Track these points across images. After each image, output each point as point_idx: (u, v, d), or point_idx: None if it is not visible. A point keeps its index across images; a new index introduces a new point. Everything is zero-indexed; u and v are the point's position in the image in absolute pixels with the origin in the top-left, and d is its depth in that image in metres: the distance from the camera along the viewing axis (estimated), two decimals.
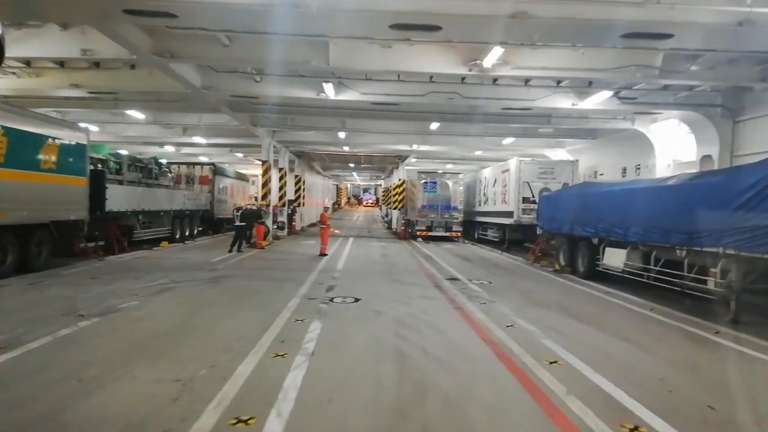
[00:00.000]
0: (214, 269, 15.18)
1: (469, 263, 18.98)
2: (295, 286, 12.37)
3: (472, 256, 21.71)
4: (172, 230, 23.58)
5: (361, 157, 35.40)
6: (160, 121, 20.83)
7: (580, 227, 15.52)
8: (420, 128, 20.88)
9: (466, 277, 14.79)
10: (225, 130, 23.97)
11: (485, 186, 27.88)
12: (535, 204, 22.51)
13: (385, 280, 14.06)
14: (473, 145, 25.58)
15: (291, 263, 17.40)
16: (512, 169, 23.00)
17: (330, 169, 50.24)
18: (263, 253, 20.24)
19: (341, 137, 23.42)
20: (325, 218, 19.85)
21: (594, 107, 15.24)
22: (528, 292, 12.84)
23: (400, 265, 17.54)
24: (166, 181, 25.01)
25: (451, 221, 29.30)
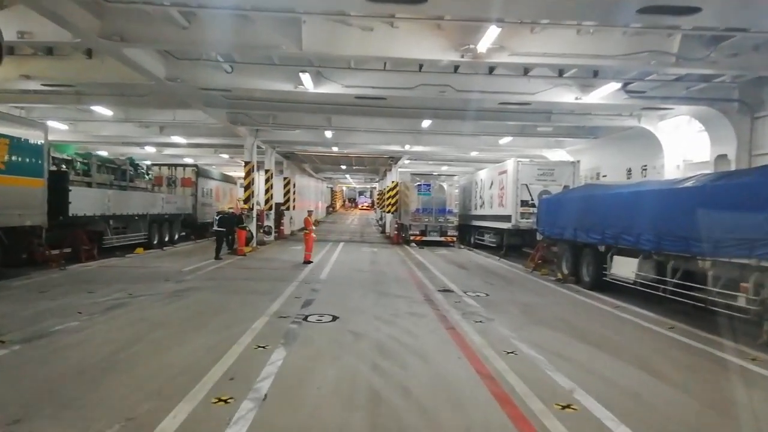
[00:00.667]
0: (183, 280, 13.76)
1: (465, 271, 17.61)
2: (269, 300, 10.97)
3: (468, 263, 20.35)
4: (149, 236, 22.14)
5: (351, 159, 34.02)
6: (132, 119, 19.43)
7: (585, 233, 14.18)
8: (411, 126, 19.55)
9: (460, 289, 13.42)
10: (205, 129, 22.57)
11: (481, 189, 26.55)
12: (534, 208, 21.19)
13: (371, 291, 12.67)
14: (468, 146, 24.26)
15: (271, 272, 16.00)
16: (510, 171, 21.67)
17: (322, 172, 48.83)
18: (244, 261, 18.84)
19: (328, 137, 22.05)
20: (309, 223, 18.47)
21: (599, 101, 13.91)
22: (529, 306, 11.47)
23: (389, 274, 16.16)
24: (143, 183, 23.62)
25: (446, 225, 27.95)
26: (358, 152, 28.52)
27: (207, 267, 16.64)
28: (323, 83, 13.15)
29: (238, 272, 15.82)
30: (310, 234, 18.40)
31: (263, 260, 19.16)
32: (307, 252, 18.27)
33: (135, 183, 22.67)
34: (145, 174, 23.87)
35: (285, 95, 14.20)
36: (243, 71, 12.97)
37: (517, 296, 12.78)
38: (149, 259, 18.60)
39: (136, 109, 19.11)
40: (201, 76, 13.12)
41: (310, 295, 11.92)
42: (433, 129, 19.38)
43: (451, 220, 28.13)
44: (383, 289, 13.07)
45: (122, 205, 19.81)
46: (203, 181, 29.19)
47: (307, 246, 18.29)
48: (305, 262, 18.06)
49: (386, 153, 28.46)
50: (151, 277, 13.95)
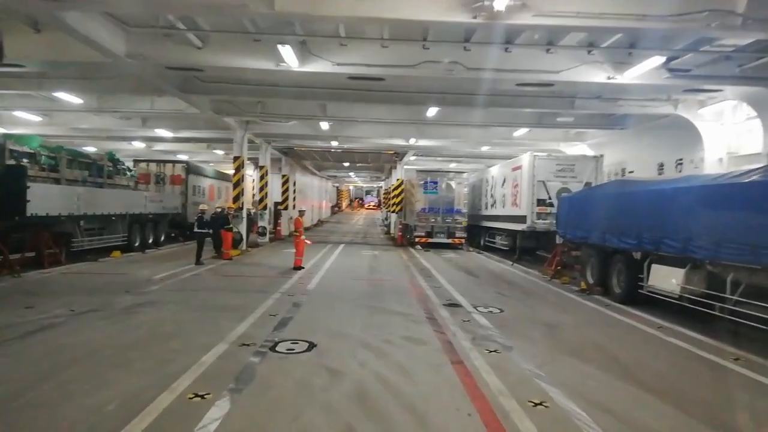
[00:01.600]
0: (146, 291, 11.82)
1: (474, 279, 15.56)
2: (237, 320, 9.01)
3: (478, 268, 18.29)
4: (130, 237, 20.25)
5: (354, 155, 32.03)
6: (106, 108, 17.55)
7: (616, 237, 12.12)
8: (415, 116, 17.49)
9: (470, 302, 11.39)
10: (191, 121, 20.71)
11: (493, 187, 24.45)
12: (552, 207, 19.11)
13: (364, 307, 10.66)
14: (479, 139, 22.13)
15: (253, 281, 14.05)
16: (525, 167, 19.58)
17: (324, 169, 46.86)
18: (227, 266, 16.88)
19: (324, 129, 20.06)
20: (300, 224, 16.49)
21: (634, 82, 11.78)
22: (554, 327, 9.42)
23: (388, 284, 14.15)
24: (125, 180, 21.76)
25: (454, 226, 25.89)
26: (359, 147, 26.51)
27: (182, 274, 14.71)
28: (310, 60, 11.14)
29: (214, 281, 13.87)
30: (300, 237, 16.41)
31: (249, 266, 17.21)
32: (297, 257, 16.30)
33: (114, 180, 20.83)
34: (127, 170, 22.03)
35: (267, 75, 12.21)
36: (215, 46, 11.00)
37: (537, 312, 10.71)
38: (123, 265, 16.70)
39: (109, 97, 17.23)
40: (167, 53, 11.16)
41: (289, 311, 9.93)
42: (439, 118, 17.33)
43: (459, 220, 26.07)
44: (378, 304, 11.05)
45: (96, 204, 17.91)
46: (194, 178, 27.31)
47: (298, 250, 16.32)
48: (295, 268, 16.12)
49: (389, 148, 26.42)
50: (111, 287, 12.03)
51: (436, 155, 30.12)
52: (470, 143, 24.29)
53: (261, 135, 23.06)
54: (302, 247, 16.42)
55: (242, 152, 20.88)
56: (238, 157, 20.94)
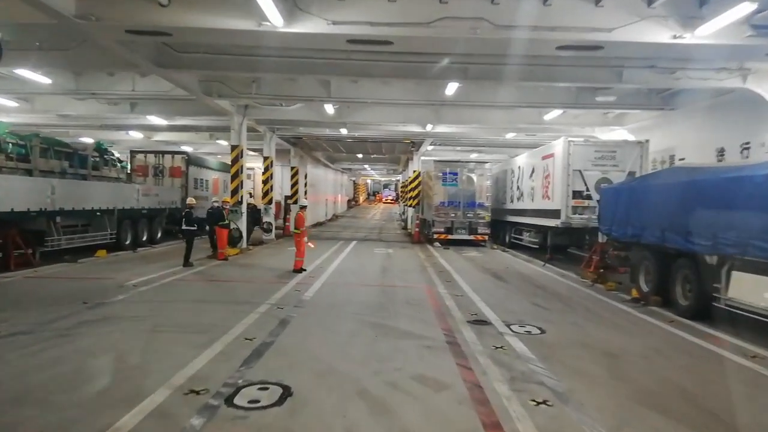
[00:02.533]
0: (108, 302, 9.82)
1: (503, 285, 13.30)
2: (200, 345, 6.95)
3: (505, 270, 16.00)
4: (118, 235, 18.37)
5: (366, 145, 29.82)
6: (83, 91, 15.60)
7: (681, 236, 9.79)
8: (432, 95, 15.18)
9: (501, 317, 9.18)
10: (184, 106, 18.69)
11: (519, 178, 22.06)
12: (589, 200, 16.74)
13: (368, 325, 8.52)
14: (504, 123, 19.64)
15: (242, 288, 11.99)
16: (558, 154, 17.18)
17: (338, 162, 44.69)
18: (218, 269, 14.88)
19: (330, 113, 17.87)
20: (302, 221, 14.34)
21: (707, 42, 9.36)
22: (616, 357, 7.17)
23: (401, 291, 11.97)
24: (114, 172, 19.94)
25: (476, 222, 23.57)
26: (371, 135, 24.26)
27: (164, 278, 12.71)
28: (298, 17, 8.93)
29: (196, 288, 11.85)
30: (302, 235, 14.29)
31: (244, 268, 15.17)
32: (297, 258, 14.20)
33: (102, 172, 19.00)
34: (117, 161, 20.18)
35: (250, 40, 10.03)
36: (182, 2, 8.90)
37: (588, 334, 8.44)
38: (102, 267, 14.78)
39: (87, 79, 15.27)
40: (125, 12, 9.07)
41: (272, 333, 7.81)
42: (459, 98, 15.01)
43: (481, 215, 23.74)
44: (387, 321, 8.88)
45: (77, 198, 16.06)
46: (196, 170, 25.42)
47: (298, 250, 14.21)
48: (295, 270, 14.04)
49: (404, 136, 24.12)
50: (70, 297, 10.06)
51: (455, 144, 27.76)
52: (493, 129, 21.90)
53: (263, 122, 20.99)
54: (303, 246, 14.31)
55: (240, 140, 18.82)
56: (236, 146, 18.89)
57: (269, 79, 15.21)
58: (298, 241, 14.23)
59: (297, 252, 14.25)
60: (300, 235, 14.28)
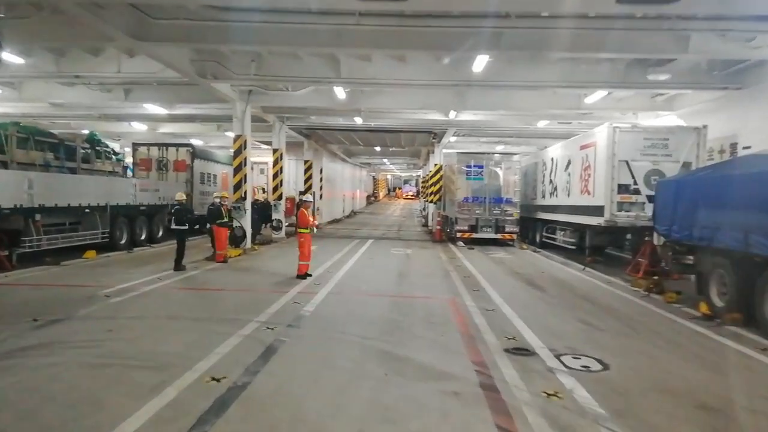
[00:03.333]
0: (64, 320, 8.10)
1: (541, 294, 11.29)
2: (150, 390, 5.19)
3: (540, 276, 13.96)
4: (112, 234, 16.78)
5: (384, 137, 27.83)
6: (66, 73, 13.95)
7: None
8: (457, 73, 13.08)
9: (546, 343, 7.23)
10: (182, 92, 17.00)
11: (552, 171, 19.93)
12: (638, 195, 14.62)
13: (375, 357, 6.64)
14: (536, 109, 17.37)
15: (233, 298, 10.23)
16: (601, 143, 15.05)
17: (355, 156, 42.77)
18: (214, 273, 13.15)
19: (341, 99, 15.91)
20: (305, 219, 12.47)
21: None
22: (716, 411, 5.17)
23: (419, 304, 10.04)
24: (108, 165, 18.35)
25: (504, 219, 21.52)
26: (388, 125, 22.27)
27: (146, 285, 11.00)
28: None
29: (177, 300, 10.10)
30: (307, 237, 12.43)
31: (242, 272, 13.40)
32: (301, 261, 12.37)
33: (93, 165, 17.42)
34: (112, 154, 18.61)
35: None
36: None
37: (666, 370, 6.42)
38: (84, 270, 13.16)
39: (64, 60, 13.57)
40: None
41: (249, 370, 5.97)
42: (488, 77, 12.91)
43: (509, 211, 21.67)
44: (401, 348, 6.97)
45: (61, 193, 14.49)
46: (202, 164, 23.77)
47: (302, 253, 12.38)
48: (299, 276, 12.23)
49: (425, 125, 22.06)
50: (24, 310, 8.42)
51: (479, 134, 25.60)
52: (524, 116, 19.72)
53: (270, 110, 19.20)
54: (308, 248, 12.47)
55: (243, 130, 17.05)
56: (239, 136, 17.13)
57: (270, 58, 13.36)
58: (302, 242, 12.39)
59: (300, 255, 12.41)
60: (304, 235, 12.43)
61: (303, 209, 12.64)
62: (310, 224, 12.61)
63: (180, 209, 13.38)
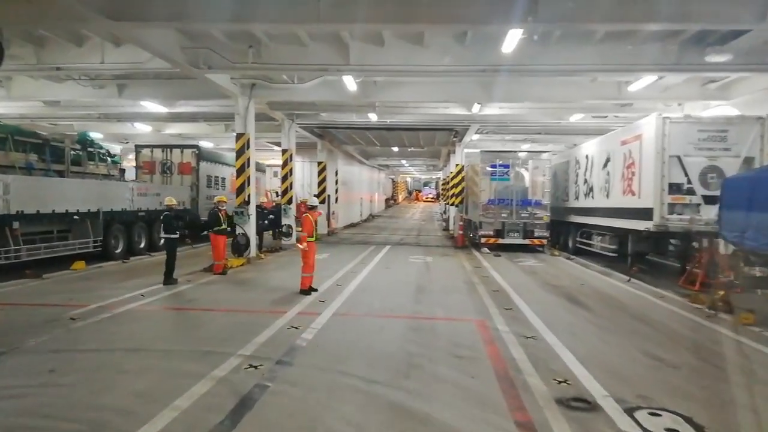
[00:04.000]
0: (5, 352, 6.61)
1: (586, 314, 9.47)
2: None
3: (579, 289, 12.14)
4: (105, 242, 15.43)
5: (402, 136, 26.14)
6: (46, 64, 12.57)
7: None
8: (483, 56, 11.21)
9: (608, 388, 5.55)
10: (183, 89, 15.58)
11: (588, 169, 18.04)
12: (693, 195, 12.73)
13: (383, 415, 4.97)
14: (572, 99, 15.35)
15: (219, 321, 8.64)
16: (648, 136, 13.19)
17: (373, 157, 41.13)
18: (207, 288, 11.61)
19: (352, 89, 14.20)
20: (309, 225, 10.83)
21: None
22: None
23: (442, 329, 8.33)
24: (102, 168, 17.04)
25: (532, 223, 19.68)
26: (406, 122, 20.56)
27: (125, 304, 9.53)
28: None
29: (152, 324, 8.57)
30: (311, 246, 10.80)
31: (240, 286, 11.86)
32: (305, 274, 10.77)
33: (85, 167, 16.12)
34: (107, 155, 17.28)
35: None
36: None
37: None
38: (65, 285, 11.76)
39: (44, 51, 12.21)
40: None
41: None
42: (520, 60, 11.09)
43: (539, 215, 19.84)
44: (417, 402, 5.28)
45: (45, 198, 13.17)
46: (209, 166, 22.40)
47: (306, 264, 10.76)
48: (303, 291, 10.64)
49: (445, 121, 20.32)
50: None
51: (504, 131, 23.74)
52: (555, 109, 17.87)
53: (276, 106, 17.67)
54: (312, 260, 10.85)
55: (246, 128, 15.56)
56: (241, 135, 15.63)
57: (270, 43, 11.80)
58: (306, 252, 10.77)
59: (304, 267, 10.80)
60: (308, 244, 10.81)
61: (308, 215, 11.02)
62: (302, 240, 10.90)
63: (169, 215, 11.90)
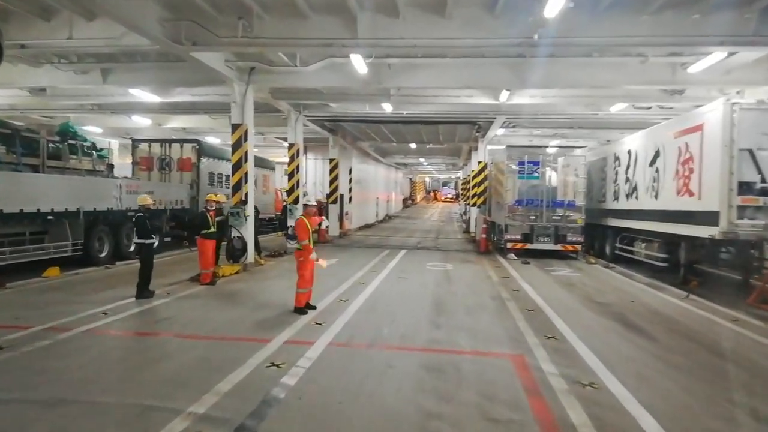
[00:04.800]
0: None
1: (653, 347, 7.44)
2: None
3: (631, 307, 10.09)
4: (87, 245, 13.82)
5: (420, 130, 24.14)
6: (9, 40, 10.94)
7: None
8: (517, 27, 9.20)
9: None
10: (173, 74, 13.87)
11: (630, 166, 15.92)
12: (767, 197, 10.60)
13: None
14: (618, 83, 13.04)
15: (185, 352, 6.82)
16: (712, 125, 11.11)
17: (390, 155, 39.23)
18: (186, 303, 9.83)
19: (362, 72, 12.14)
20: (304, 231, 8.94)
21: None
22: None
23: (467, 369, 6.39)
24: (87, 162, 15.41)
25: (565, 226, 17.61)
26: (424, 114, 18.57)
27: (82, 324, 7.82)
28: None
29: (93, 356, 6.72)
30: (307, 255, 8.93)
31: (226, 300, 10.04)
32: (300, 289, 8.92)
33: (66, 162, 14.49)
34: (92, 149, 15.66)
35: None
36: None
37: None
38: (28, 296, 10.11)
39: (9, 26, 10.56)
40: None
41: None
42: (564, 32, 9.15)
43: (572, 217, 17.77)
44: None
45: (11, 196, 11.54)
46: (210, 162, 20.74)
47: (302, 277, 8.91)
48: (297, 309, 8.82)
49: (468, 113, 18.30)
50: None
51: (533, 126, 21.69)
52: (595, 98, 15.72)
53: (279, 95, 15.92)
54: (311, 271, 9.00)
55: (244, 117, 13.78)
56: (238, 125, 13.86)
57: (265, 14, 9.99)
58: (301, 263, 8.92)
59: (300, 280, 8.95)
60: (303, 252, 8.95)
61: (302, 217, 9.17)
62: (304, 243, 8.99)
63: (143, 217, 10.08)
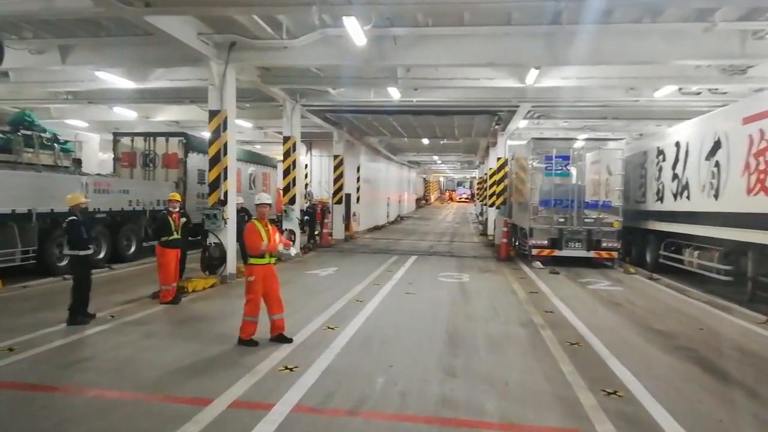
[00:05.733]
0: None
1: (751, 405, 5.15)
2: None
3: (701, 336, 7.81)
4: (43, 253, 11.84)
5: (433, 123, 21.78)
6: None
7: None
8: None
9: None
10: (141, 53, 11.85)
11: (678, 161, 13.55)
12: None
13: None
14: (671, 57, 10.41)
15: (92, 427, 4.65)
16: None
17: (401, 153, 36.93)
18: (131, 329, 7.71)
19: (360, 44, 9.92)
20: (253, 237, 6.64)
21: None
22: None
23: None
24: (47, 157, 13.42)
25: (600, 230, 15.29)
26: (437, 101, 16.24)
27: None
28: None
29: None
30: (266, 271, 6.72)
31: (184, 327, 7.91)
32: (247, 317, 6.74)
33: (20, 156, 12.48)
34: (54, 142, 13.65)
35: None
36: None
37: None
38: None
39: None
40: None
41: None
42: None
43: (607, 220, 15.49)
44: None
45: None
46: (199, 158, 18.58)
47: (249, 303, 6.69)
48: (240, 341, 6.69)
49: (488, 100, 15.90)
50: None
51: (559, 117, 19.30)
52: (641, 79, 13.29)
53: (271, 79, 13.78)
54: (257, 294, 6.80)
55: (223, 103, 11.68)
56: (216, 112, 11.76)
57: None
58: (251, 285, 6.73)
59: (245, 306, 6.73)
60: (255, 270, 6.73)
61: (255, 221, 6.93)
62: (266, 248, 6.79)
63: (76, 221, 7.97)
